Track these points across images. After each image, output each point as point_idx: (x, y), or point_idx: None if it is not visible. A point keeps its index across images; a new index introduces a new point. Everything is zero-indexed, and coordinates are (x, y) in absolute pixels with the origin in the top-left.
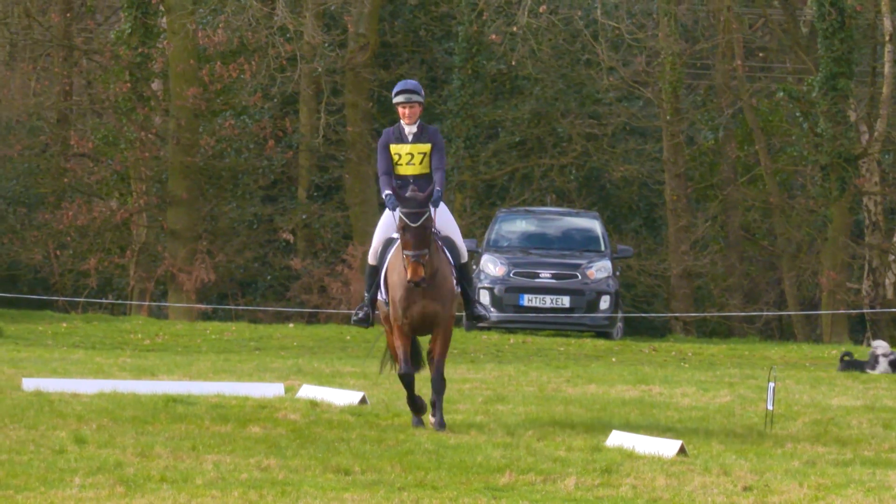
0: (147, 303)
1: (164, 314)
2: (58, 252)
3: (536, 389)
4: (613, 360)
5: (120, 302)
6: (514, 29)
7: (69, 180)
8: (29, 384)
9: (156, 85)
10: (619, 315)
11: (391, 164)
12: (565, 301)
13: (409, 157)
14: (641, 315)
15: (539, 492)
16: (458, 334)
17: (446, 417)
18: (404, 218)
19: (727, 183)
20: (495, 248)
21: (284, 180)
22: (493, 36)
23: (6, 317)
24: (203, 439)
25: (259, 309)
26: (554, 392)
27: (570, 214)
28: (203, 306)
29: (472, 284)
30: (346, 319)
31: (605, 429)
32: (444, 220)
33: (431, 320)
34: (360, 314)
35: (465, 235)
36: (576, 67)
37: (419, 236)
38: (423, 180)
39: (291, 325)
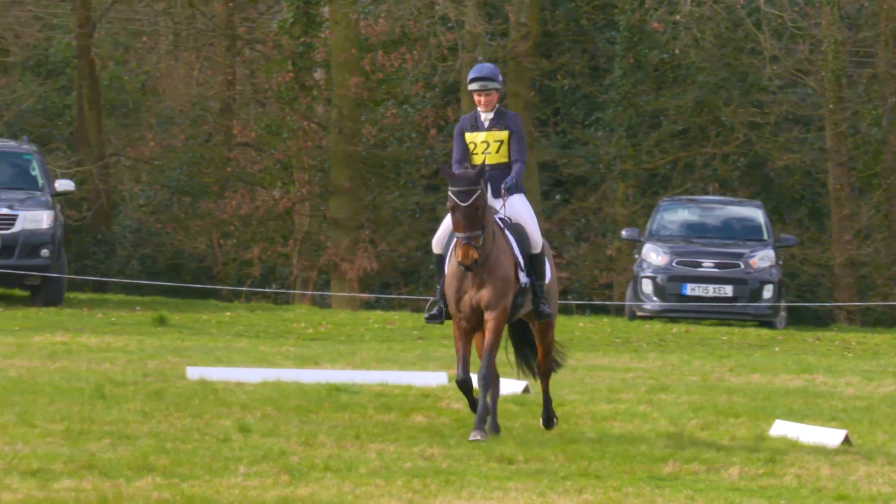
0: (310, 292)
1: (326, 303)
2: (221, 241)
3: (699, 379)
4: (777, 349)
5: (283, 291)
6: (677, 17)
7: (232, 170)
8: (193, 373)
9: (318, 74)
10: (782, 304)
11: (466, 153)
12: (728, 290)
13: (485, 145)
14: (805, 304)
15: (703, 481)
16: (620, 324)
17: (605, 407)
18: (454, 197)
19: (891, 171)
20: (658, 237)
21: None
22: (656, 24)
23: (170, 306)
24: (367, 428)
25: (422, 298)
26: (717, 381)
27: (732, 203)
28: (366, 295)
29: (542, 278)
30: None
31: (769, 418)
32: (519, 208)
33: (480, 308)
34: (434, 310)
35: (626, 224)
36: (739, 56)
37: (470, 216)
38: (500, 170)
39: None
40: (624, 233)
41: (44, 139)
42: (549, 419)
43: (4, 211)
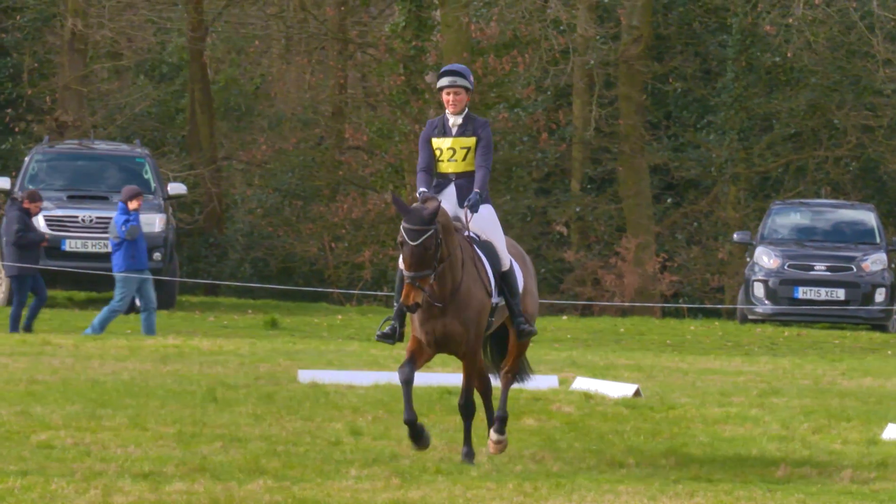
0: None
1: None
2: (333, 245)
3: (811, 382)
4: (889, 353)
5: (393, 294)
6: (790, 21)
7: (344, 173)
8: (305, 376)
9: (430, 78)
10: (895, 308)
11: (431, 160)
12: (840, 294)
13: (451, 152)
14: None
15: (814, 485)
16: (732, 327)
17: (716, 411)
18: (403, 233)
19: None
20: (769, 240)
21: (558, 173)
22: (768, 27)
23: (282, 309)
24: (478, 431)
25: None
26: (829, 385)
27: (844, 207)
28: None
29: (515, 295)
30: (620, 312)
31: (881, 422)
32: (486, 222)
33: (451, 341)
34: (387, 329)
35: (738, 228)
36: (851, 59)
37: (418, 256)
38: (466, 178)
39: (565, 317)
40: (736, 236)
41: (157, 143)
42: (502, 420)
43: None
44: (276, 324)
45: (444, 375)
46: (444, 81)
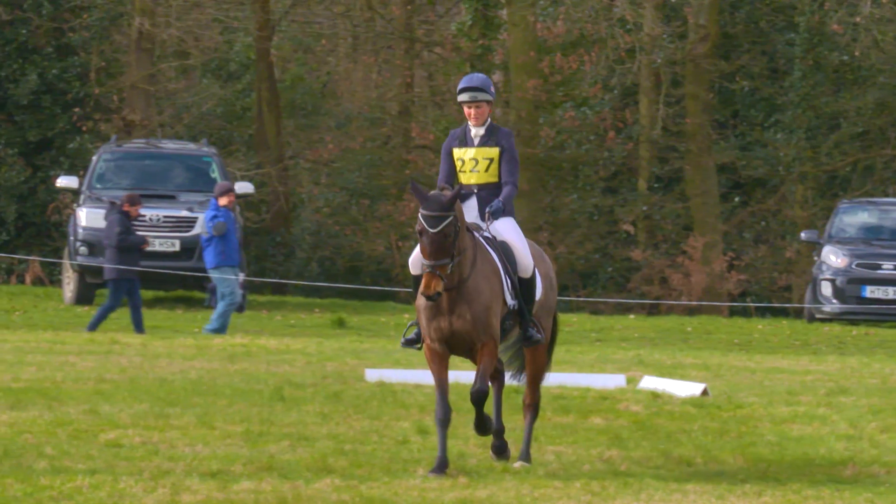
0: None
1: None
2: (400, 243)
3: (879, 381)
4: None
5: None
6: (857, 19)
7: (410, 172)
8: (372, 375)
9: (496, 77)
10: None
11: (452, 172)
12: None
13: (474, 162)
14: None
15: (883, 484)
16: (799, 326)
17: (784, 410)
18: (422, 220)
19: None
20: (837, 239)
21: (625, 171)
22: (836, 26)
23: (349, 308)
24: (545, 430)
25: (600, 300)
26: None
27: None
28: None
29: (531, 302)
30: (687, 311)
31: None
32: (506, 229)
33: (463, 341)
34: (411, 335)
35: (805, 227)
36: None
37: (438, 244)
38: (488, 191)
39: (632, 316)
40: (803, 235)
41: (223, 142)
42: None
43: (184, 213)
44: (343, 323)
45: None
46: (464, 97)
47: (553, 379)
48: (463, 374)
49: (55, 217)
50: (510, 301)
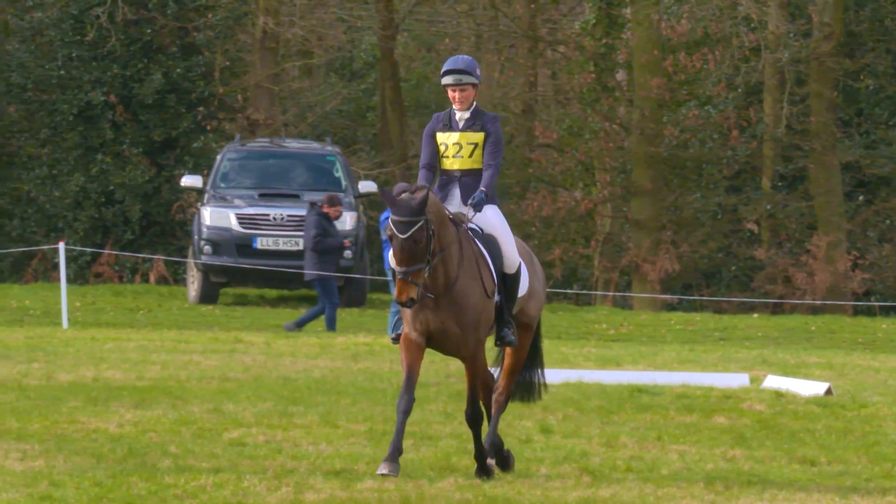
0: (611, 293)
1: (628, 304)
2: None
3: None
4: None
5: (584, 292)
6: None
7: (534, 171)
8: (495, 373)
9: (620, 75)
10: None
11: (435, 156)
12: None
13: (457, 147)
14: None
15: None
16: None
17: None
18: (392, 226)
19: None
20: None
21: (748, 170)
22: None
23: None
24: (668, 429)
25: (723, 300)
26: None
27: None
28: (667, 296)
29: (512, 300)
30: (811, 311)
31: None
32: (491, 222)
33: (448, 341)
34: (401, 329)
35: None
36: None
37: (409, 250)
38: (472, 177)
39: (756, 315)
40: None
41: (347, 141)
42: (492, 448)
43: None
44: None
45: (634, 373)
46: (448, 80)
47: (676, 378)
48: (586, 374)
49: (179, 216)
50: (495, 297)
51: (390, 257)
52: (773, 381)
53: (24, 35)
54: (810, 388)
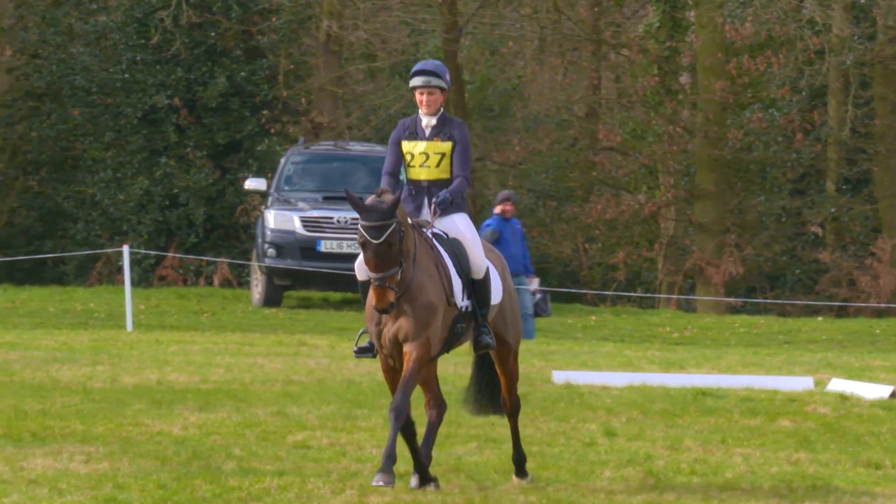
0: (675, 296)
1: (692, 307)
2: (586, 246)
3: None
4: None
5: (648, 295)
6: None
7: (597, 174)
8: (559, 377)
9: (684, 78)
10: None
11: (398, 163)
12: None
13: (424, 157)
14: None
15: None
16: None
17: None
18: (364, 232)
19: None
20: None
21: (813, 173)
22: None
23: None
24: (732, 433)
25: (788, 303)
26: None
27: None
28: (731, 300)
29: (484, 305)
30: (876, 314)
31: None
32: (458, 227)
33: (400, 333)
34: (365, 343)
35: None
36: None
37: (383, 255)
38: (439, 187)
39: (820, 318)
40: None
41: None
42: (520, 463)
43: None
44: None
45: (698, 376)
46: (416, 81)
47: (740, 381)
48: (650, 377)
49: (243, 219)
50: (463, 302)
51: (358, 267)
52: (837, 385)
53: (89, 38)
54: (875, 391)
